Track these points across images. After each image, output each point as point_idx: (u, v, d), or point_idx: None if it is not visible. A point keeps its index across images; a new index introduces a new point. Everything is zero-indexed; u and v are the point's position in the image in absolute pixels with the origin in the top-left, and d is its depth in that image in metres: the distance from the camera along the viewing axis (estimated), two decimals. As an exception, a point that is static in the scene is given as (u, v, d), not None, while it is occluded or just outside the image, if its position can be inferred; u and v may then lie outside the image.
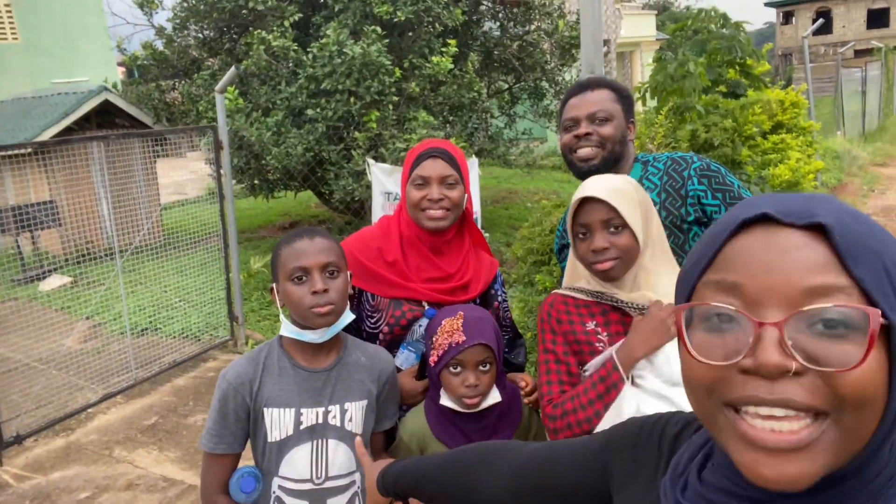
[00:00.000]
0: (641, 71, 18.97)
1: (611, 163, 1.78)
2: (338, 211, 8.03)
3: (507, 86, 9.05)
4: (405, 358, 1.77)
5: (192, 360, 5.24)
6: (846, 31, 35.62)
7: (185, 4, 7.41)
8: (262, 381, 1.51)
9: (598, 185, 1.46)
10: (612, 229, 1.44)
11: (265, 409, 1.50)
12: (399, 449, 1.66)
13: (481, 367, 1.57)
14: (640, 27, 19.57)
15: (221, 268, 5.54)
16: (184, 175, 10.23)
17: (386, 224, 1.85)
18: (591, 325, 1.51)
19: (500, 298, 1.90)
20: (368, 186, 5.70)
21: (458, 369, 1.56)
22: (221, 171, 5.27)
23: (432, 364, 1.59)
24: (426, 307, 1.75)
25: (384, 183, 5.48)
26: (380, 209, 5.56)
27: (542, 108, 9.09)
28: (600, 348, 1.48)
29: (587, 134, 1.77)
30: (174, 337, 5.61)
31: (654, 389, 1.38)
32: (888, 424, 0.58)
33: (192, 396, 4.67)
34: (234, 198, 5.76)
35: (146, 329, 5.78)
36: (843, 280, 0.56)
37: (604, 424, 1.37)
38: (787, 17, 38.36)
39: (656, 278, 1.49)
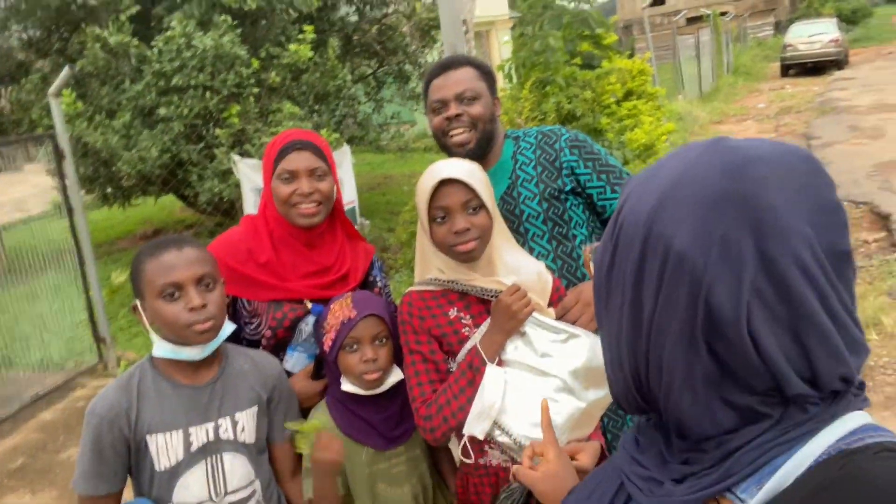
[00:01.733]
0: (499, 49, 19.44)
1: (484, 142, 1.78)
2: (206, 213, 7.60)
3: (370, 71, 8.94)
4: (296, 360, 1.68)
5: (58, 391, 4.77)
6: (678, 1, 38.49)
7: (4, 3, 6.64)
8: (140, 408, 1.37)
9: (455, 168, 1.48)
10: (470, 210, 1.46)
11: (148, 437, 1.37)
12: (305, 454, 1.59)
13: (377, 342, 1.56)
14: (494, 6, 20.00)
15: (79, 287, 5.06)
16: (24, 190, 9.25)
17: (252, 223, 1.73)
18: (453, 313, 1.53)
19: (380, 284, 1.86)
20: (237, 185, 5.43)
21: (355, 347, 1.54)
22: (66, 183, 4.80)
23: (327, 349, 1.56)
24: (309, 305, 1.68)
25: (254, 179, 5.23)
26: (252, 206, 5.31)
27: (408, 91, 9.09)
28: (466, 333, 1.52)
29: (458, 115, 1.75)
30: (33, 369, 5.07)
31: (524, 362, 1.45)
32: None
33: (62, 430, 4.25)
34: (85, 209, 5.27)
35: (-2, 365, 5.18)
36: None
37: (473, 408, 1.42)
38: (625, -9, 40.80)
39: (504, 253, 1.55)
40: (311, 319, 1.66)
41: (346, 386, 1.57)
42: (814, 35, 19.30)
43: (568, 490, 0.94)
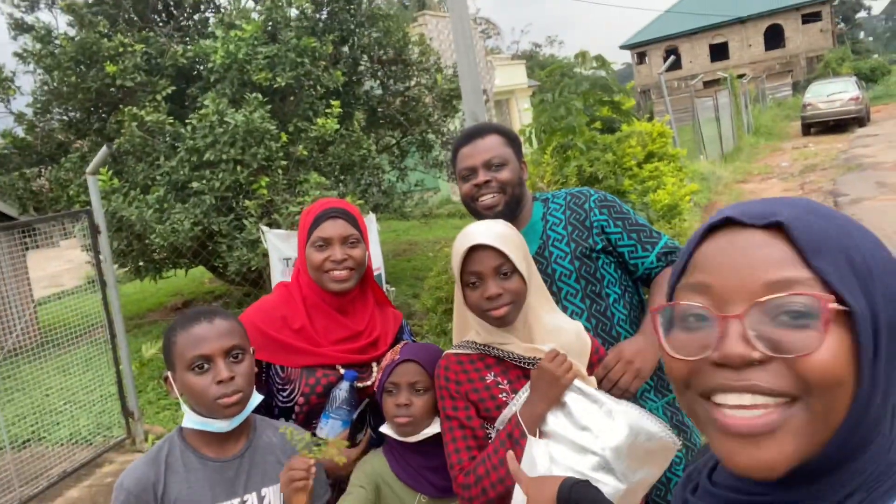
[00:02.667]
0: (519, 116, 19.89)
1: (513, 205, 1.80)
2: (234, 283, 7.71)
3: (394, 141, 9.17)
4: (330, 427, 1.66)
5: (86, 468, 4.74)
6: (693, 65, 39.27)
7: (46, 87, 7.01)
8: (167, 482, 1.35)
9: (485, 232, 1.47)
10: (502, 275, 1.45)
11: None
12: (356, 480, 1.60)
13: (415, 389, 1.56)
14: (513, 76, 20.61)
15: (110, 361, 5.10)
16: (58, 265, 9.50)
17: (286, 290, 1.76)
18: (490, 378, 1.50)
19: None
20: (265, 254, 5.51)
21: (393, 392, 1.56)
22: (101, 257, 4.92)
23: (376, 392, 1.61)
24: (342, 371, 1.67)
25: (281, 249, 5.32)
26: (279, 276, 5.38)
27: (431, 159, 9.27)
28: (503, 399, 1.49)
29: (486, 182, 1.77)
30: (62, 444, 5.07)
31: (565, 436, 1.39)
32: (860, 408, 0.60)
33: (88, 508, 4.20)
34: (118, 283, 5.38)
35: (28, 440, 5.19)
36: (802, 273, 0.60)
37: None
38: (641, 58, 41.83)
39: (542, 315, 1.53)
40: (344, 385, 1.65)
41: (383, 428, 1.59)
42: (833, 94, 19.44)
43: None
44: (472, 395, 1.50)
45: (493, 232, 1.47)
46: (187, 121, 5.95)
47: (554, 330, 1.50)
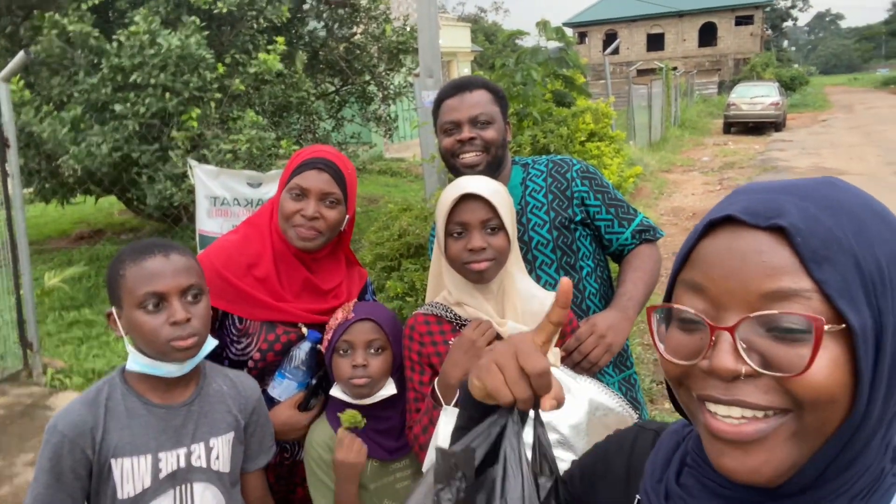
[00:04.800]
0: (459, 80, 19.68)
1: (494, 166, 1.74)
2: (151, 218, 7.29)
3: (333, 88, 8.84)
4: (284, 387, 1.57)
5: (-26, 398, 4.40)
6: (630, 52, 40.15)
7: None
8: (107, 427, 1.23)
9: (480, 185, 1.42)
10: (489, 230, 1.40)
11: (113, 461, 1.23)
12: (312, 469, 1.53)
13: (371, 350, 1.49)
14: (457, 38, 20.34)
15: (9, 286, 4.72)
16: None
17: (254, 232, 1.62)
18: (454, 343, 1.46)
19: None
20: (190, 191, 5.22)
21: (347, 351, 1.49)
22: (8, 172, 4.49)
23: (324, 351, 1.51)
24: (305, 330, 1.57)
25: (209, 186, 5.05)
26: (205, 215, 5.12)
27: (370, 113, 9.01)
28: None
29: (471, 139, 1.71)
30: (-53, 371, 4.68)
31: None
32: (855, 421, 0.58)
33: (-24, 441, 3.91)
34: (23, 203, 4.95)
35: None
36: (803, 283, 0.56)
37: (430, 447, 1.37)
38: (581, 37, 42.30)
39: (517, 281, 1.49)
40: (305, 346, 1.56)
41: (336, 392, 1.51)
42: (756, 97, 20.38)
43: None
44: (433, 359, 1.46)
45: (486, 185, 1.42)
46: (114, 36, 5.49)
47: (528, 297, 1.47)
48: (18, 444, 3.83)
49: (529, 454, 0.76)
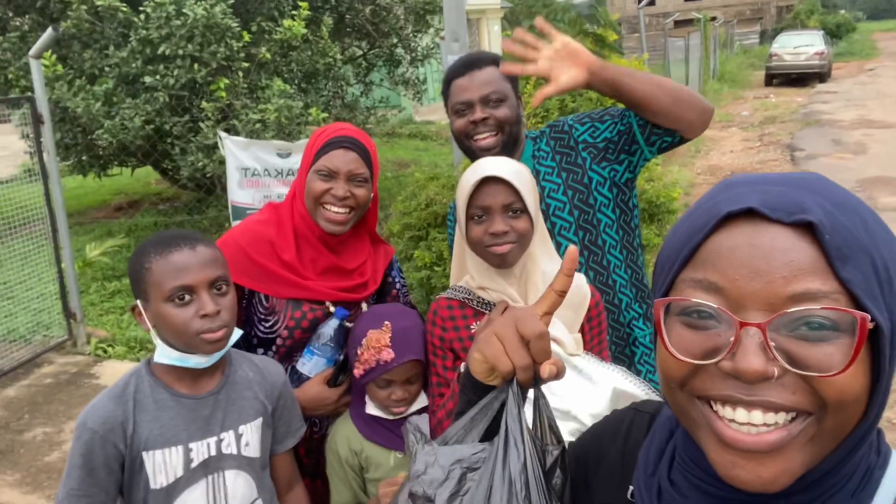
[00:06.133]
0: (489, 39, 19.29)
1: (510, 146, 1.71)
2: (186, 188, 7.39)
3: (361, 52, 8.75)
4: (314, 364, 1.58)
5: (24, 367, 4.59)
6: (667, 2, 38.70)
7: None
8: (137, 420, 1.25)
9: (501, 167, 1.38)
10: (511, 213, 1.37)
11: (145, 454, 1.25)
12: (332, 463, 1.57)
13: (410, 383, 1.51)
14: (486, -6, 19.81)
15: (51, 258, 4.86)
16: (-9, 152, 8.90)
17: (276, 214, 1.63)
18: (475, 328, 1.46)
19: (397, 286, 1.79)
20: (222, 162, 5.26)
21: (387, 385, 1.49)
22: (44, 148, 4.59)
23: (357, 377, 1.49)
24: (330, 307, 1.58)
25: (239, 157, 5.08)
26: (236, 186, 5.17)
27: (398, 77, 8.91)
28: None
29: (484, 119, 1.67)
30: (-2, 341, 4.88)
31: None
32: (867, 424, 0.57)
33: (27, 409, 4.08)
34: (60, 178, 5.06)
35: (-40, 334, 4.97)
36: (829, 284, 0.53)
37: None
38: (616, -11, 40.90)
39: (541, 265, 1.46)
40: (333, 322, 1.56)
41: (371, 409, 1.53)
42: (799, 46, 19.53)
43: None
44: (455, 344, 1.46)
45: (508, 167, 1.38)
46: (141, 8, 5.49)
47: (544, 283, 1.45)
48: (66, 411, 3.99)
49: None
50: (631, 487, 0.73)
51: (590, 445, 0.83)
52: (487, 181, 1.36)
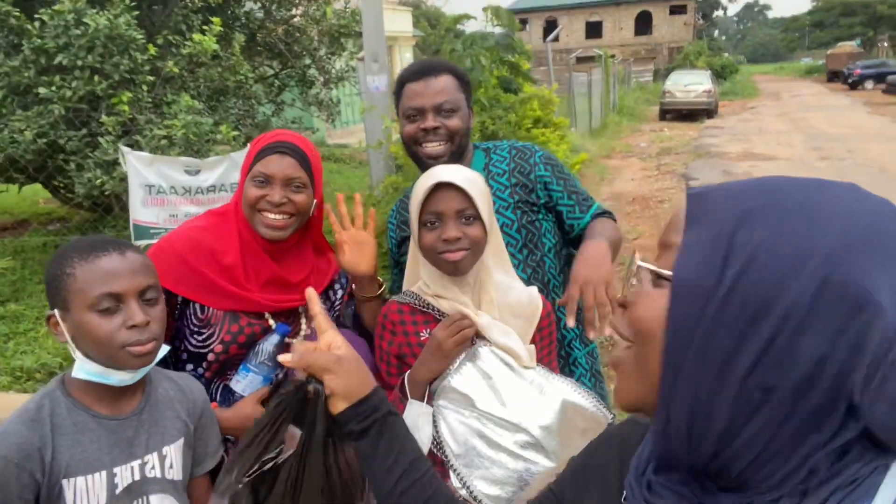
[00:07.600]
0: (401, 66, 19.49)
1: (457, 155, 1.72)
2: (81, 207, 6.93)
3: (272, 72, 8.59)
4: (249, 381, 1.49)
5: None
6: (569, 39, 40.68)
7: None
8: (56, 446, 1.12)
9: (454, 173, 1.38)
10: (464, 220, 1.37)
11: (65, 481, 1.13)
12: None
13: None
14: (399, 23, 20.09)
15: (-76, 282, 4.41)
16: None
17: (218, 220, 1.56)
18: (424, 335, 1.45)
19: (336, 297, 1.74)
20: (123, 179, 4.99)
21: None
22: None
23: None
24: (271, 322, 1.51)
25: (143, 175, 4.85)
26: (139, 204, 4.93)
27: (311, 97, 8.80)
28: None
29: (435, 128, 1.67)
30: None
31: (491, 413, 1.32)
32: (671, 368, 0.62)
33: None
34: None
35: None
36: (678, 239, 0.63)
37: None
38: (522, 24, 42.58)
39: (494, 274, 1.47)
40: (273, 339, 1.49)
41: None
42: (689, 84, 20.98)
43: (368, 387, 0.94)
44: (405, 349, 1.44)
45: (462, 174, 1.38)
46: (36, 15, 5.15)
47: (505, 289, 1.45)
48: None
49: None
50: (624, 493, 0.75)
51: (587, 459, 0.87)
52: (440, 187, 1.36)
